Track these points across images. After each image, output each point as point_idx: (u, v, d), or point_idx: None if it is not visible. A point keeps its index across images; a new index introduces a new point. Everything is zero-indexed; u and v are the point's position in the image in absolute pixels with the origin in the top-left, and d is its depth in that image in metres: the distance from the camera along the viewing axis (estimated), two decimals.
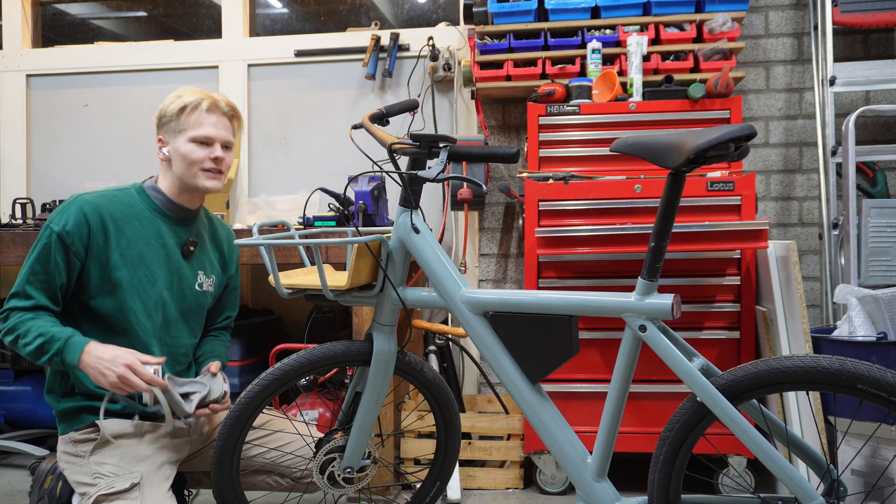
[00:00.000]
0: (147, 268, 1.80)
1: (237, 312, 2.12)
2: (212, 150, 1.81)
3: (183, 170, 1.81)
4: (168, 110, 1.81)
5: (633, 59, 2.59)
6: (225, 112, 1.84)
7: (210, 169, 1.81)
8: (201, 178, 1.81)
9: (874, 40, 2.92)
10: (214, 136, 1.81)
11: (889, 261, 2.47)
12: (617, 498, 1.51)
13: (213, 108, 1.81)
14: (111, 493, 1.65)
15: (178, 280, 1.86)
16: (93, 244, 1.73)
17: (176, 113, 1.80)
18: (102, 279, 1.75)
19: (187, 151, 1.79)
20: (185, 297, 1.88)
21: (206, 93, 1.83)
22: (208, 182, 1.82)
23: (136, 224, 1.80)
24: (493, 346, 1.57)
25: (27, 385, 3.03)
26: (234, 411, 1.69)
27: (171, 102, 1.82)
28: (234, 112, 1.87)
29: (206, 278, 1.93)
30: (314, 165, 3.34)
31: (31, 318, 1.68)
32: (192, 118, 1.79)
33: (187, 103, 1.79)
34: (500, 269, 3.14)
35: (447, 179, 1.58)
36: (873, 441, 2.02)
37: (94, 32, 3.88)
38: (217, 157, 1.81)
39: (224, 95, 1.88)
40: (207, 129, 1.80)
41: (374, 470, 1.81)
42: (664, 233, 1.42)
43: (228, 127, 1.85)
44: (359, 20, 3.52)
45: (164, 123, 1.83)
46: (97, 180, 3.43)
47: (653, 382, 2.40)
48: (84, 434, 1.76)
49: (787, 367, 1.34)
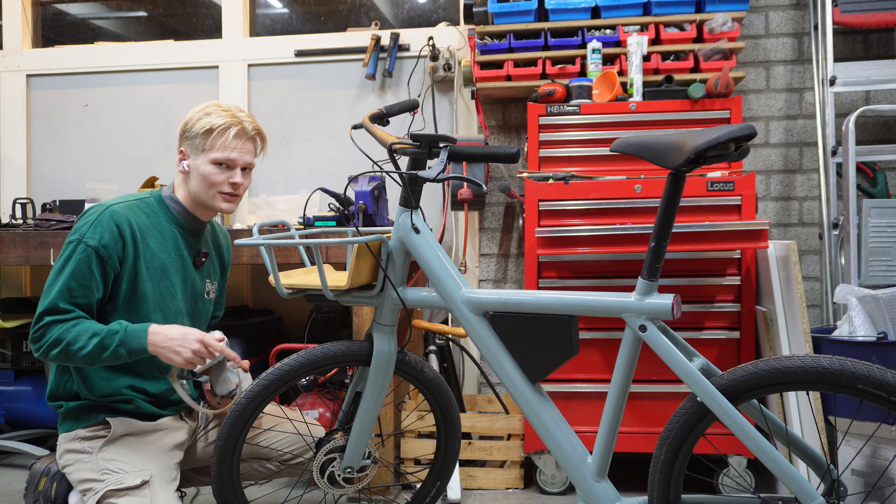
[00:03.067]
0: (169, 280, 1.81)
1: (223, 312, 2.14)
2: (232, 174, 1.80)
3: (200, 189, 1.80)
4: (195, 127, 1.79)
5: (633, 59, 2.59)
6: (251, 137, 1.84)
7: (227, 192, 1.81)
8: (218, 200, 1.81)
9: (874, 40, 2.92)
10: (237, 160, 1.81)
11: (889, 261, 2.46)
12: (617, 498, 1.51)
13: (241, 135, 1.80)
14: (120, 488, 1.64)
15: (192, 290, 1.88)
16: (126, 256, 1.73)
17: (202, 132, 1.78)
18: (130, 292, 1.75)
19: (208, 173, 1.78)
20: (196, 307, 1.90)
21: (235, 116, 1.81)
22: (224, 205, 1.82)
23: (158, 236, 1.80)
24: (493, 345, 1.57)
25: (27, 385, 3.03)
26: (234, 411, 1.69)
27: (199, 119, 1.79)
28: (258, 134, 1.86)
29: (211, 285, 1.96)
30: (314, 165, 3.33)
31: (73, 325, 1.65)
32: (219, 141, 1.78)
33: (215, 126, 1.77)
34: (500, 269, 3.14)
35: (447, 179, 1.58)
36: (873, 441, 2.02)
37: (95, 32, 3.88)
38: (236, 182, 1.81)
39: (251, 116, 1.86)
40: (232, 153, 1.79)
41: (374, 470, 1.81)
42: (664, 233, 1.42)
43: (252, 150, 1.85)
44: (359, 20, 3.52)
45: (188, 138, 1.81)
46: (97, 180, 3.43)
47: (653, 382, 2.40)
48: (92, 431, 1.76)
49: (788, 367, 1.34)
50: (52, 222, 2.72)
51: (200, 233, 1.91)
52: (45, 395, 2.95)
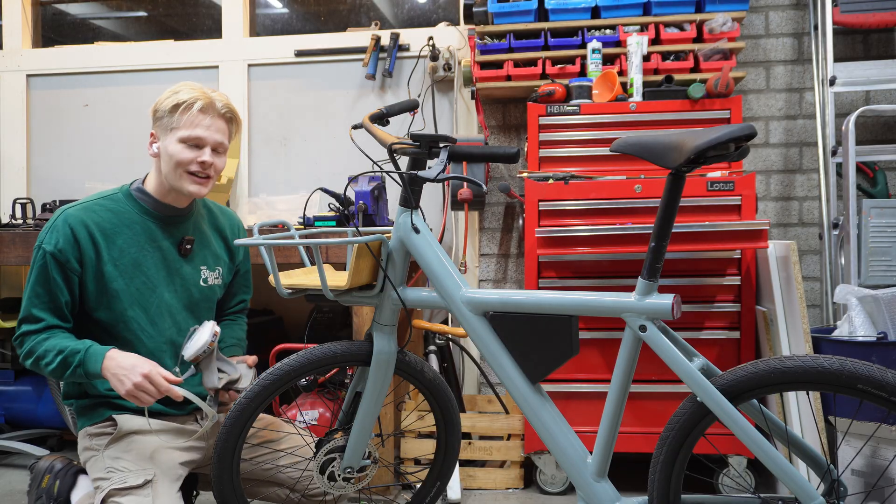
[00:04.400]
0: (144, 274, 1.78)
1: (251, 294, 2.09)
2: (201, 153, 1.74)
3: (169, 170, 1.75)
4: (162, 105, 1.74)
5: (633, 59, 2.59)
6: (221, 114, 1.77)
7: (195, 172, 1.74)
8: (185, 181, 1.75)
9: (874, 40, 2.92)
10: (205, 137, 1.73)
11: (889, 261, 2.47)
12: (617, 498, 1.51)
13: (208, 109, 1.73)
14: (123, 488, 1.64)
15: (181, 280, 1.85)
16: (85, 258, 1.71)
17: (169, 109, 1.72)
18: (100, 292, 1.74)
19: (175, 151, 1.72)
20: (191, 296, 1.86)
21: (204, 91, 1.75)
22: (191, 186, 1.75)
23: (127, 231, 1.77)
24: (493, 345, 1.57)
25: (27, 385, 3.03)
26: (234, 411, 1.69)
27: (167, 98, 1.74)
28: (231, 114, 1.79)
29: (211, 272, 1.91)
30: (314, 165, 3.33)
31: (45, 339, 1.67)
32: (185, 118, 1.72)
33: (182, 101, 1.72)
34: (500, 269, 3.14)
35: (447, 179, 1.58)
36: (873, 441, 2.02)
37: (94, 32, 3.88)
38: (204, 161, 1.73)
39: (224, 96, 1.80)
40: (199, 130, 1.73)
41: (374, 470, 1.80)
42: (664, 233, 1.42)
43: (224, 130, 1.78)
44: (359, 20, 3.53)
45: (157, 119, 1.76)
46: (97, 180, 3.43)
47: (653, 382, 2.40)
48: (99, 428, 1.77)
49: (788, 367, 1.34)
50: None
51: (182, 220, 1.85)
52: (44, 395, 2.98)
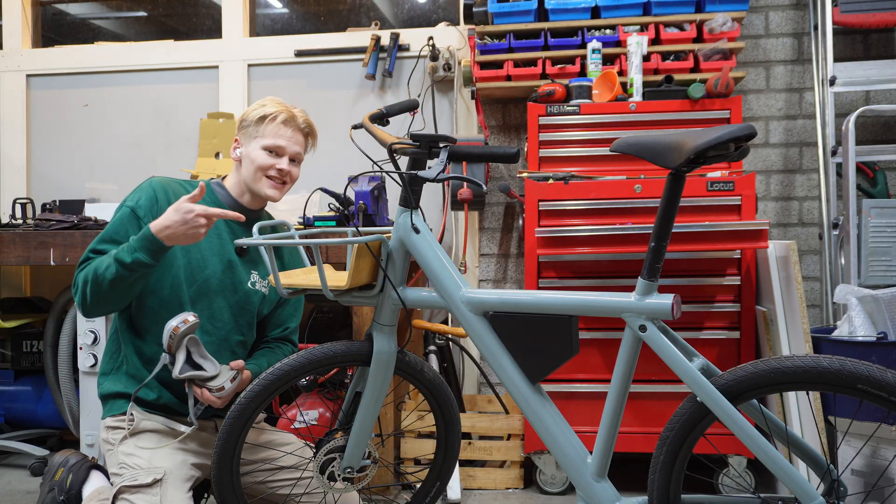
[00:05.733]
0: (199, 252, 1.86)
1: (298, 324, 2.08)
2: (280, 160, 1.89)
3: (249, 173, 1.89)
4: (249, 116, 1.90)
5: (633, 59, 2.59)
6: (300, 128, 1.93)
7: (273, 177, 1.89)
8: (264, 184, 1.89)
9: (874, 40, 2.92)
10: (285, 147, 1.89)
11: (889, 261, 2.47)
12: (617, 498, 1.51)
13: (290, 122, 1.90)
14: (133, 485, 1.69)
15: (230, 272, 1.90)
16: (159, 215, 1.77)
17: (256, 120, 1.88)
18: None
19: (257, 157, 1.87)
20: (235, 291, 1.91)
21: (287, 106, 1.92)
22: (269, 190, 1.90)
23: None
24: (493, 346, 1.57)
25: (27, 385, 3.03)
26: (234, 411, 1.69)
27: (255, 109, 1.90)
28: (309, 129, 1.96)
29: (261, 279, 1.96)
30: (314, 165, 3.32)
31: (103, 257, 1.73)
32: (269, 128, 1.88)
33: (268, 113, 1.88)
34: (500, 269, 3.14)
35: (447, 179, 1.58)
36: (873, 441, 2.02)
37: (94, 32, 3.88)
38: (282, 168, 1.89)
39: (304, 112, 1.96)
40: (280, 140, 1.88)
41: (374, 470, 1.80)
42: (664, 233, 1.42)
43: (301, 143, 1.94)
44: (359, 20, 3.52)
45: (243, 127, 1.91)
46: (97, 180, 3.43)
47: (653, 382, 2.40)
48: (117, 421, 1.82)
49: (788, 367, 1.34)
50: (51, 222, 2.72)
51: (249, 223, 1.93)
52: (44, 395, 2.98)
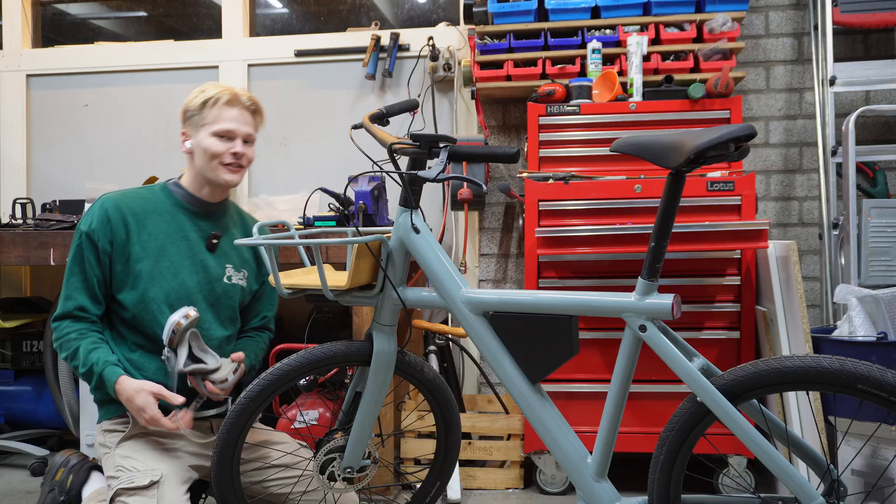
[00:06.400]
0: (169, 259, 1.84)
1: (275, 312, 2.12)
2: (232, 144, 1.84)
3: (204, 163, 1.84)
4: (191, 104, 1.85)
5: (633, 59, 2.59)
6: (246, 106, 1.87)
7: (230, 163, 1.84)
8: (221, 171, 1.84)
9: (874, 40, 2.92)
10: (235, 129, 1.84)
11: (889, 261, 2.46)
12: (617, 498, 1.51)
13: (234, 102, 1.84)
14: (130, 487, 1.68)
15: (204, 272, 1.89)
16: (115, 239, 1.79)
17: (198, 107, 1.83)
18: (125, 272, 1.80)
19: (208, 145, 1.82)
20: (213, 290, 1.90)
21: (228, 87, 1.87)
22: (227, 176, 1.85)
23: (157, 218, 1.85)
24: (493, 346, 1.57)
25: (27, 385, 3.03)
26: (234, 411, 1.69)
27: (195, 97, 1.85)
28: (255, 106, 1.90)
29: (236, 272, 1.95)
30: (314, 165, 3.33)
31: (75, 339, 1.77)
32: (213, 112, 1.82)
33: (209, 97, 1.83)
34: (500, 269, 3.14)
35: (447, 179, 1.58)
36: (873, 441, 2.02)
37: (94, 32, 3.88)
38: (237, 151, 1.84)
39: (246, 90, 1.90)
40: (228, 123, 1.83)
41: (374, 470, 1.80)
42: (664, 233, 1.42)
43: (250, 121, 1.88)
44: (359, 20, 3.52)
45: (187, 118, 1.86)
46: (97, 180, 3.43)
47: (653, 382, 2.40)
48: (113, 424, 1.82)
49: (788, 367, 1.34)
50: (51, 222, 2.72)
51: (213, 216, 1.92)
52: (44, 395, 2.98)
